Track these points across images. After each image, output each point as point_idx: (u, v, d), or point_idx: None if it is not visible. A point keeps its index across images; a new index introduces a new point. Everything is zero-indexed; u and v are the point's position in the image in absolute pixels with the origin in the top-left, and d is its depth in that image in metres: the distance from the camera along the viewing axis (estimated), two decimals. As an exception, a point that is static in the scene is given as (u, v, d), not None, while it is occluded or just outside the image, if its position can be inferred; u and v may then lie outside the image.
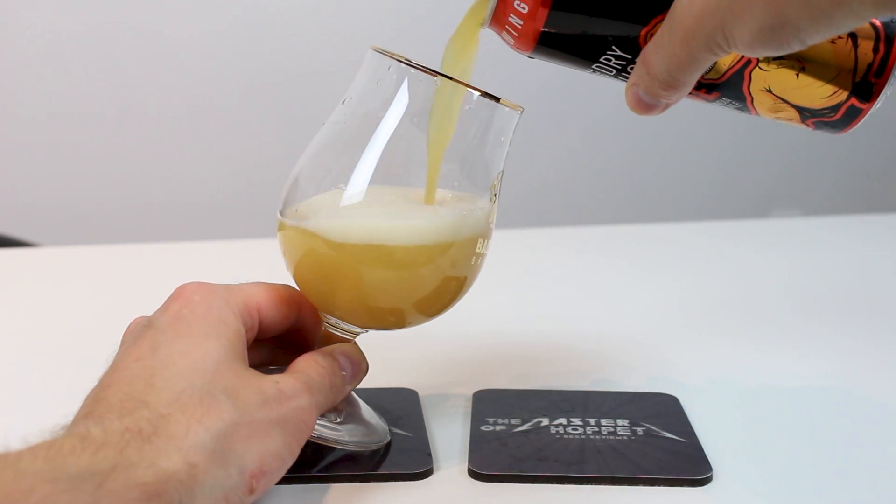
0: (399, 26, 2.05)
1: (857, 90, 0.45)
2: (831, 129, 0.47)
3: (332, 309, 0.47)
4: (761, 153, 2.29)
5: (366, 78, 0.46)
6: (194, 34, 1.96)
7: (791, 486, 0.46)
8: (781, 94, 0.45)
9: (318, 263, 0.45)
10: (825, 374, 0.61)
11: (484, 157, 0.47)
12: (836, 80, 0.45)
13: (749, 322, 0.72)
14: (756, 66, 0.44)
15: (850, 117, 0.46)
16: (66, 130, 1.94)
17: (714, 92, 0.45)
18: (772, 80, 0.45)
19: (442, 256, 0.45)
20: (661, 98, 0.42)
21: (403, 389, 0.55)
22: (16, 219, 1.88)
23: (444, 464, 0.47)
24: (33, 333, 0.68)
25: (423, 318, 0.48)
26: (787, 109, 0.46)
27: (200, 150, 1.99)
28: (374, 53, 0.46)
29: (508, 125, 0.47)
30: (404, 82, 0.45)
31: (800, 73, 0.45)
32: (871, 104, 0.46)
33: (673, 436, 0.50)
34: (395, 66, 0.45)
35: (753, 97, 0.45)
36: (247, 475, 0.38)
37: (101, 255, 0.97)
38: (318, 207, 0.45)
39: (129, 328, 0.46)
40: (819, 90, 0.45)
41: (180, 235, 1.63)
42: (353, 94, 0.47)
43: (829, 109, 0.46)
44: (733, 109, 0.47)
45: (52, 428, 0.38)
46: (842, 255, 0.93)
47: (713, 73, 0.44)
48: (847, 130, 0.47)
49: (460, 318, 0.72)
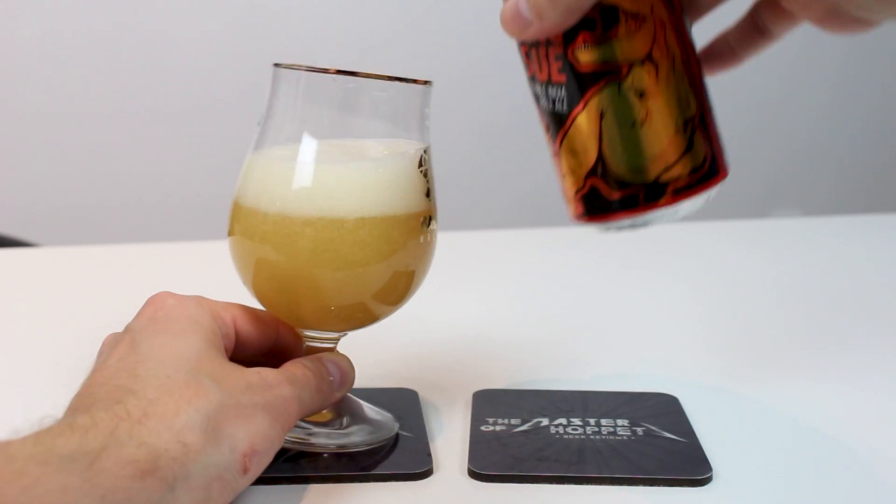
0: (399, 26, 2.05)
1: (652, 187, 0.42)
2: (592, 210, 0.43)
3: (295, 303, 0.47)
4: (761, 153, 2.29)
5: (274, 95, 0.47)
6: (194, 34, 1.96)
7: (791, 486, 0.46)
8: (608, 129, 0.42)
9: (260, 237, 0.46)
10: (825, 374, 0.61)
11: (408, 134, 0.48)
12: (659, 157, 0.42)
13: (749, 322, 0.72)
14: (616, 86, 0.41)
15: (624, 206, 0.43)
16: (66, 130, 1.94)
17: (559, 73, 0.42)
18: (613, 110, 0.42)
19: (381, 225, 0.45)
20: (542, 12, 0.40)
21: (403, 389, 0.55)
22: (16, 219, 1.88)
23: (444, 464, 0.47)
24: (33, 333, 0.68)
25: (380, 299, 0.48)
26: (588, 152, 0.43)
27: (200, 150, 1.99)
28: (277, 69, 0.47)
29: (424, 100, 0.48)
30: (307, 88, 0.46)
31: (643, 121, 0.42)
32: (649, 209, 0.43)
33: (673, 436, 0.50)
34: (300, 75, 0.46)
35: (581, 112, 0.42)
36: (239, 453, 0.39)
37: (101, 255, 0.97)
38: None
39: (105, 341, 0.47)
40: (650, 147, 0.42)
41: (180, 235, 1.63)
42: (267, 113, 0.48)
43: (626, 183, 0.42)
44: (543, 103, 0.43)
45: (41, 419, 0.37)
46: (842, 255, 0.93)
47: (585, 57, 0.41)
48: (595, 220, 0.44)
49: (460, 319, 0.72)
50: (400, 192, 0.46)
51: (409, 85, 0.47)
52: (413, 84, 0.47)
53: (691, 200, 0.43)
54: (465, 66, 2.09)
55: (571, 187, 0.44)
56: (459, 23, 2.07)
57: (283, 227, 0.45)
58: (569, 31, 0.41)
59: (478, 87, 2.08)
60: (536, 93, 0.45)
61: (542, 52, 0.42)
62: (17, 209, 1.93)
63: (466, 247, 0.99)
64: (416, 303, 0.50)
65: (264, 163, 0.47)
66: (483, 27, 2.11)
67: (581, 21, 0.41)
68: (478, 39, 2.10)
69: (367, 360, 0.60)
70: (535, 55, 0.43)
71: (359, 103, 0.47)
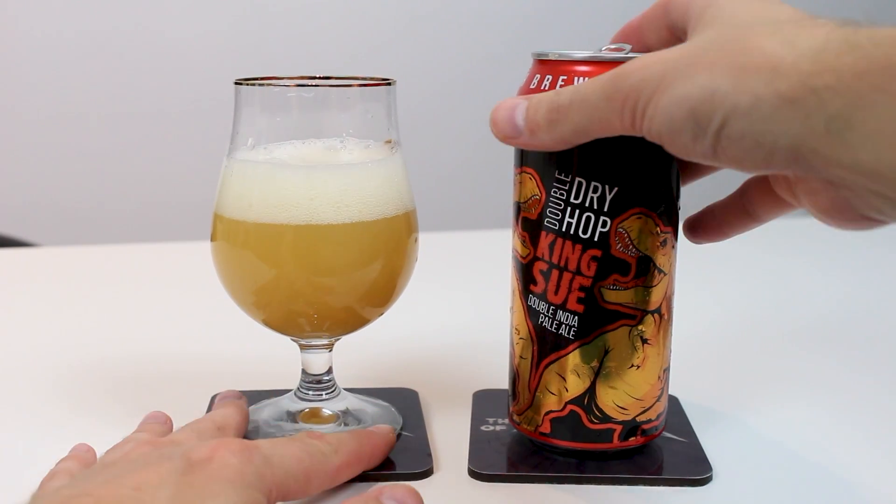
0: (399, 26, 2.05)
1: (629, 426, 0.45)
2: (561, 435, 0.45)
3: (281, 309, 0.47)
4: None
5: (242, 105, 0.47)
6: (194, 34, 1.96)
7: (791, 487, 0.46)
8: (608, 365, 0.44)
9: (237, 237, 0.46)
10: (825, 374, 0.61)
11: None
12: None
13: (748, 322, 0.72)
14: (628, 329, 0.43)
15: (600, 438, 0.45)
16: (66, 130, 1.94)
17: (577, 303, 0.43)
18: (619, 350, 0.44)
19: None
20: (537, 130, 0.39)
21: (403, 389, 0.55)
22: (16, 219, 1.88)
23: (444, 464, 0.47)
24: (33, 333, 0.68)
25: (366, 302, 0.48)
26: (580, 381, 0.44)
27: (200, 151, 1.99)
28: (238, 87, 0.47)
29: (391, 100, 0.48)
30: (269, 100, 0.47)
31: (640, 365, 0.44)
32: (621, 445, 0.45)
33: (673, 436, 0.50)
34: (263, 90, 0.46)
35: (586, 344, 0.44)
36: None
37: (100, 255, 0.97)
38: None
39: (114, 451, 0.42)
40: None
41: (180, 235, 1.62)
42: (236, 120, 0.48)
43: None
44: (542, 320, 0.44)
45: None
46: (842, 256, 0.93)
47: (611, 297, 0.43)
48: (561, 443, 0.45)
49: (461, 319, 0.72)
50: (376, 195, 0.46)
51: (374, 88, 0.47)
52: (376, 87, 0.47)
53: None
54: (466, 65, 2.09)
55: (545, 406, 0.45)
56: (460, 23, 2.07)
57: (261, 234, 0.45)
58: (601, 269, 0.43)
59: (478, 87, 2.08)
60: (534, 307, 0.45)
61: (568, 277, 0.43)
62: (17, 209, 1.93)
63: (467, 247, 0.99)
64: (416, 303, 0.50)
65: (240, 168, 0.47)
66: (483, 27, 2.11)
67: (615, 264, 0.43)
68: (478, 39, 2.10)
69: (367, 361, 0.60)
70: (555, 276, 0.43)
71: (327, 109, 0.47)
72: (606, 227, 0.42)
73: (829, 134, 0.30)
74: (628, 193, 0.42)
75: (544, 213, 0.43)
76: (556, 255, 0.43)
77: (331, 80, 0.47)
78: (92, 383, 0.57)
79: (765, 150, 0.32)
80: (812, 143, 0.31)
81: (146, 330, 0.69)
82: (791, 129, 0.31)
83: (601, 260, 0.43)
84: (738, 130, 0.32)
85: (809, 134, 0.31)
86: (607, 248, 0.43)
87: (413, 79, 1.98)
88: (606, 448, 0.45)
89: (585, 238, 0.42)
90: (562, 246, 0.43)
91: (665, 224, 0.44)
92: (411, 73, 2.03)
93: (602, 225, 0.42)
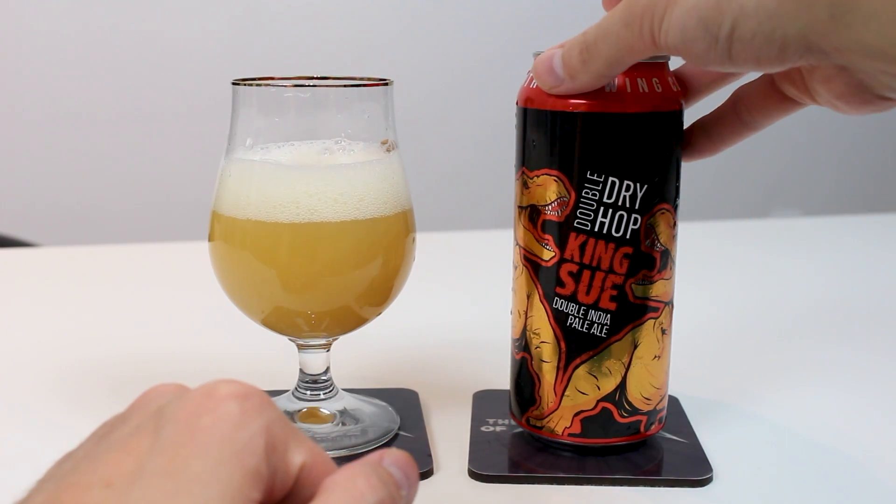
0: (399, 26, 2.05)
1: (652, 415, 0.46)
2: (592, 433, 0.46)
3: (278, 308, 0.47)
4: (761, 153, 2.29)
5: (240, 106, 0.47)
6: (194, 34, 1.96)
7: (791, 487, 0.46)
8: (637, 359, 0.45)
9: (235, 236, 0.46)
10: (824, 374, 0.61)
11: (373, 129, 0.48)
12: None
13: (748, 321, 0.72)
14: (653, 322, 0.45)
15: (629, 431, 0.46)
16: (66, 130, 1.94)
17: (610, 301, 0.44)
18: (645, 343, 0.45)
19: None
20: (574, 73, 0.41)
21: (403, 389, 0.55)
22: (16, 219, 1.88)
23: (444, 464, 0.47)
24: (33, 333, 0.68)
25: (364, 301, 0.48)
26: (611, 378, 0.45)
27: (200, 151, 1.99)
28: (236, 87, 0.47)
29: (388, 100, 0.48)
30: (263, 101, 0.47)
31: (660, 356, 0.46)
32: (645, 436, 0.46)
33: (673, 436, 0.50)
34: (260, 91, 0.46)
35: (617, 341, 0.44)
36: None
37: (100, 255, 0.97)
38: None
39: (109, 422, 0.32)
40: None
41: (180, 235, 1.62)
42: (233, 120, 0.48)
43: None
44: (572, 321, 0.44)
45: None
46: (842, 255, 0.93)
47: (640, 291, 0.44)
48: (590, 441, 0.46)
49: (461, 319, 0.72)
50: (373, 194, 0.46)
51: (371, 88, 0.47)
52: (373, 87, 0.47)
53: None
54: (465, 66, 2.09)
55: (576, 406, 0.45)
56: (459, 23, 2.07)
57: (258, 234, 0.45)
58: (632, 266, 0.44)
59: (477, 87, 2.08)
60: (562, 309, 0.45)
61: (600, 277, 0.44)
62: (17, 209, 1.93)
63: (467, 247, 0.99)
64: (415, 303, 0.50)
65: (238, 168, 0.47)
66: (483, 27, 2.11)
67: (644, 259, 0.44)
68: (478, 39, 2.10)
69: (367, 361, 0.60)
70: (587, 277, 0.44)
71: (324, 109, 0.47)
72: (637, 224, 0.43)
73: (834, 19, 0.32)
74: (656, 190, 0.43)
75: (574, 215, 0.43)
76: (588, 255, 0.43)
77: (328, 81, 0.47)
78: (92, 383, 0.57)
79: (777, 46, 0.34)
80: (820, 30, 0.33)
81: (145, 330, 0.68)
82: (798, 21, 0.33)
83: (632, 257, 0.44)
84: (748, 31, 0.34)
85: (816, 22, 0.33)
86: (638, 245, 0.44)
87: (412, 79, 1.98)
88: (635, 440, 0.46)
89: (618, 236, 0.43)
90: (594, 246, 0.43)
91: (676, 216, 0.45)
92: (410, 73, 2.03)
93: (633, 222, 0.43)
